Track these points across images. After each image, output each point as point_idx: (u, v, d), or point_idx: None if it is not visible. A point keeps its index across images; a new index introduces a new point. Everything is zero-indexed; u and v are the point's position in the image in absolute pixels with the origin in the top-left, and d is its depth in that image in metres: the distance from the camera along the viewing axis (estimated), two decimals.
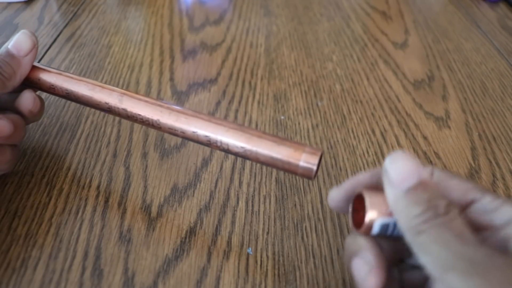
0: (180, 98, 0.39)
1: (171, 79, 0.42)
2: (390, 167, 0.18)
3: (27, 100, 0.28)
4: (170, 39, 0.48)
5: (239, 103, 0.39)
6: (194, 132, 0.25)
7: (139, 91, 0.40)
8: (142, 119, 0.27)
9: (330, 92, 0.41)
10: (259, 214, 0.29)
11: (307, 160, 0.23)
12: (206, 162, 0.33)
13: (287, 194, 0.31)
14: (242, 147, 0.24)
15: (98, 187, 0.30)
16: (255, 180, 0.32)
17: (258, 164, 0.32)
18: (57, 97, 0.32)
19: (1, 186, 0.30)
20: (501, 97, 0.42)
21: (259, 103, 0.39)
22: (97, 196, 0.30)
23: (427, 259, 0.16)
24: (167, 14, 0.53)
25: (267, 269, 0.26)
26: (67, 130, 0.35)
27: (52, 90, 0.29)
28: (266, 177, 0.32)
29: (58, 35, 0.47)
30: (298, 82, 0.42)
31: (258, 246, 0.27)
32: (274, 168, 0.25)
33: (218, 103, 0.39)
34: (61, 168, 0.31)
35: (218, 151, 0.33)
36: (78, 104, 0.29)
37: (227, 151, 0.25)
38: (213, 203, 0.30)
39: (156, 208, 0.29)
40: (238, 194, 0.30)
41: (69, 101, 0.31)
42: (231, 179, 0.31)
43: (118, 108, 0.27)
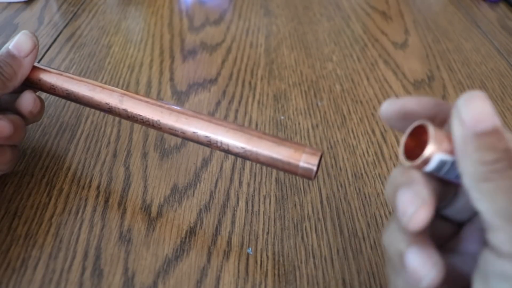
0: (180, 98, 0.39)
1: (171, 79, 0.42)
2: (464, 105, 0.16)
3: (27, 100, 0.28)
4: (170, 39, 0.48)
5: (239, 103, 0.39)
6: (194, 132, 0.25)
7: (139, 91, 0.40)
8: (143, 119, 0.27)
9: (330, 92, 0.41)
10: (259, 214, 0.29)
11: (307, 161, 0.23)
12: (206, 162, 0.33)
13: (287, 194, 0.31)
14: (242, 148, 0.24)
15: (98, 187, 0.30)
16: (255, 180, 0.32)
17: (258, 164, 0.32)
18: (57, 97, 0.32)
19: (1, 186, 0.30)
20: (501, 97, 0.42)
21: (259, 103, 0.39)
22: (97, 196, 0.30)
23: (490, 206, 0.15)
24: (167, 14, 0.53)
25: (267, 269, 0.26)
26: (67, 130, 0.35)
27: (52, 90, 0.29)
28: (266, 177, 0.32)
29: (58, 35, 0.47)
30: (298, 82, 0.42)
31: (258, 246, 0.27)
32: (274, 169, 0.25)
33: (218, 103, 0.39)
34: (61, 168, 0.31)
35: (218, 151, 0.33)
36: (79, 104, 0.29)
37: (227, 151, 0.25)
38: (213, 203, 0.30)
39: (156, 208, 0.29)
40: (238, 194, 0.30)
41: (69, 101, 0.31)
42: (231, 179, 0.32)
43: (119, 108, 0.27)
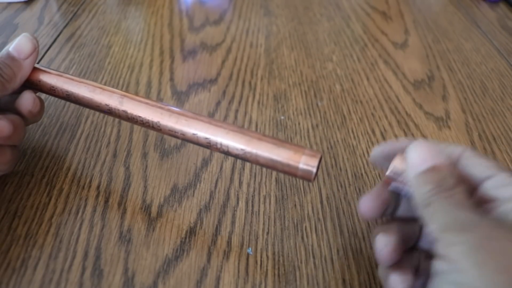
0: (180, 98, 0.39)
1: (171, 79, 0.42)
2: (410, 152, 0.21)
3: (27, 100, 0.28)
4: (170, 39, 0.48)
5: (239, 103, 0.39)
6: (194, 134, 0.25)
7: (139, 91, 0.40)
8: (143, 121, 0.27)
9: (330, 92, 0.41)
10: (259, 214, 0.29)
11: (306, 162, 0.23)
12: (206, 162, 0.33)
13: (287, 194, 0.31)
14: (242, 149, 0.24)
15: (98, 187, 0.30)
16: (255, 180, 0.32)
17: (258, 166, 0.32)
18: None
19: (1, 186, 0.30)
20: (501, 97, 0.42)
21: (259, 103, 0.39)
22: (97, 196, 0.30)
23: (433, 226, 0.19)
24: (167, 14, 0.53)
25: (267, 269, 0.26)
26: (67, 130, 0.35)
27: (52, 92, 0.29)
28: (266, 177, 0.32)
29: (58, 35, 0.47)
30: (298, 82, 0.42)
31: (258, 246, 0.27)
32: (274, 170, 0.25)
33: (218, 103, 0.39)
34: (61, 168, 0.31)
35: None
36: (79, 105, 0.29)
37: (227, 153, 0.25)
38: (213, 203, 0.30)
39: (156, 208, 0.29)
40: (238, 194, 0.30)
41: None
42: (231, 179, 0.32)
43: (119, 110, 0.27)
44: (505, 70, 0.46)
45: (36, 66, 0.29)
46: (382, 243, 0.23)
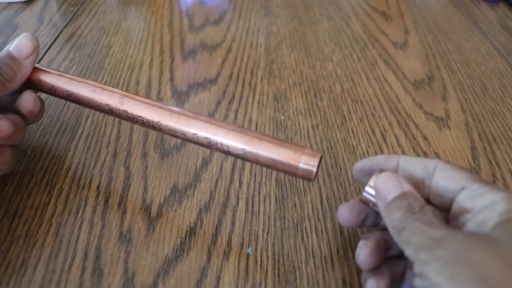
0: (180, 98, 0.39)
1: (171, 79, 0.42)
2: (377, 185, 0.23)
3: (27, 100, 0.28)
4: (170, 39, 0.48)
5: (239, 103, 0.39)
6: (194, 134, 0.25)
7: (139, 91, 0.40)
8: (143, 120, 0.27)
9: (330, 92, 0.41)
10: (259, 214, 0.29)
11: (307, 162, 0.23)
12: (206, 162, 0.33)
13: (287, 194, 0.31)
14: (242, 149, 0.24)
15: (98, 187, 0.30)
16: (255, 180, 0.32)
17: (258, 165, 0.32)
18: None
19: (1, 186, 0.30)
20: (501, 97, 0.42)
21: (259, 103, 0.39)
22: (97, 196, 0.30)
23: (408, 250, 0.19)
24: (167, 14, 0.53)
25: (267, 269, 0.26)
26: (67, 130, 0.35)
27: (53, 91, 0.29)
28: (266, 177, 0.32)
29: (58, 35, 0.47)
30: (298, 82, 0.42)
31: (258, 246, 0.27)
32: (274, 170, 0.25)
33: (218, 103, 0.39)
34: (61, 168, 0.31)
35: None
36: (79, 105, 0.29)
37: (227, 152, 0.25)
38: (213, 203, 0.30)
39: (156, 208, 0.29)
40: (238, 194, 0.30)
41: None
42: (231, 179, 0.32)
43: (119, 109, 0.27)
44: (505, 70, 0.46)
45: (37, 66, 0.29)
46: (359, 248, 0.24)
